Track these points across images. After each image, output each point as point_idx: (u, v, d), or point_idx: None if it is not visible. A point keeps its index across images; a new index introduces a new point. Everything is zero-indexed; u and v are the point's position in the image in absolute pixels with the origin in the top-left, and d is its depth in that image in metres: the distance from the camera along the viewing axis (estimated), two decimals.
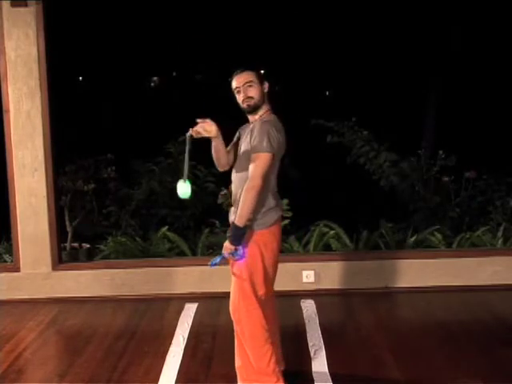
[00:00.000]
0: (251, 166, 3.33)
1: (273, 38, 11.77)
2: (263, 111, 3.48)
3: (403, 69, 11.03)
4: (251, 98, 3.42)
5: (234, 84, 3.46)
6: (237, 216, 3.33)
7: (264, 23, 11.32)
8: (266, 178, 3.34)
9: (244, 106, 3.44)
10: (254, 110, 3.45)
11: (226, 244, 3.39)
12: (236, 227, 3.33)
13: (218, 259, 3.46)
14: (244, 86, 3.41)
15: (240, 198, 3.36)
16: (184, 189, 3.39)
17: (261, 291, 3.49)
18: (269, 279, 3.56)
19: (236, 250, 3.38)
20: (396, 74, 11.50)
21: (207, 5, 10.54)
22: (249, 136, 3.43)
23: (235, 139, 3.66)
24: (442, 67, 10.39)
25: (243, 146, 3.48)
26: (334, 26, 10.79)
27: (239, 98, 3.45)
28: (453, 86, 10.73)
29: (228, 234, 3.40)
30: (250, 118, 3.52)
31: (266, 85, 3.49)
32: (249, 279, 3.44)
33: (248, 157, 3.38)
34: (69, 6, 8.34)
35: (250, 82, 3.41)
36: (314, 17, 10.72)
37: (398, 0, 9.46)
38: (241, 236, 3.35)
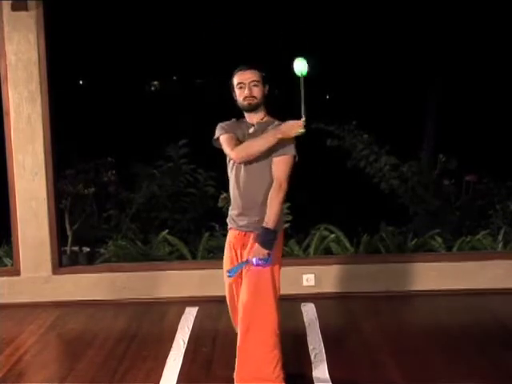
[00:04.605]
0: (278, 169, 3.36)
1: (272, 40, 11.77)
2: (263, 113, 3.49)
3: (403, 72, 11.03)
4: (254, 97, 3.42)
5: (238, 79, 3.44)
6: (268, 220, 3.33)
7: (264, 26, 11.33)
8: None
9: (245, 103, 3.43)
10: (254, 109, 3.45)
11: (258, 250, 3.35)
12: (269, 231, 3.34)
13: (237, 268, 3.42)
14: (249, 84, 3.41)
15: (259, 200, 3.39)
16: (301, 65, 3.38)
17: (279, 292, 3.52)
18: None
19: (269, 255, 3.36)
20: (396, 78, 11.49)
21: (207, 9, 10.55)
22: None
23: (233, 135, 3.48)
24: (443, 70, 10.39)
25: None
26: (334, 29, 10.79)
27: (240, 93, 3.43)
28: (453, 89, 10.73)
29: (259, 240, 3.35)
30: (249, 117, 3.50)
31: (267, 87, 3.49)
32: (272, 282, 3.44)
33: (268, 159, 3.38)
34: (69, 9, 8.35)
35: (256, 81, 3.42)
36: (314, 20, 10.73)
37: (398, 4, 9.46)
38: (274, 240, 3.37)
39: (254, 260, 3.36)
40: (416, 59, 10.38)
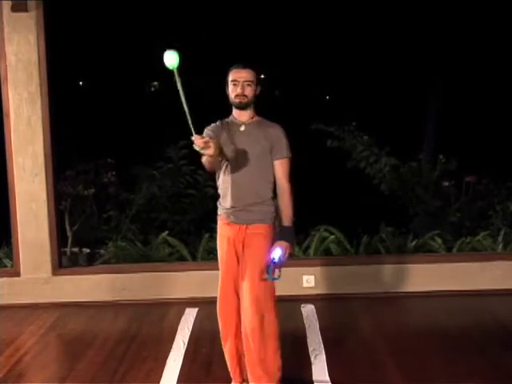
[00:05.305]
0: (280, 171, 3.53)
1: (273, 42, 11.79)
2: (253, 113, 3.60)
3: (403, 73, 11.04)
4: (246, 96, 3.52)
5: (233, 76, 3.53)
6: (288, 219, 3.55)
7: (264, 28, 11.34)
8: None
9: (236, 100, 3.53)
10: (243, 107, 3.55)
11: (288, 247, 3.50)
12: (291, 228, 3.55)
13: (271, 270, 3.45)
14: (243, 83, 3.50)
15: (259, 195, 3.52)
16: (171, 58, 3.22)
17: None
18: None
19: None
20: (396, 79, 11.51)
21: (208, 10, 10.56)
22: (265, 139, 3.51)
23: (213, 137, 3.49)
24: (442, 71, 10.40)
25: (257, 148, 3.50)
26: (334, 30, 10.80)
27: (233, 90, 3.53)
28: (453, 90, 10.74)
29: (287, 238, 3.51)
30: (238, 114, 3.59)
31: (259, 88, 3.58)
32: None
33: (268, 159, 3.51)
34: (69, 10, 8.35)
35: (250, 81, 3.51)
36: (315, 22, 10.73)
37: (397, 5, 9.47)
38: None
39: (284, 258, 3.46)
40: (416, 60, 10.39)
